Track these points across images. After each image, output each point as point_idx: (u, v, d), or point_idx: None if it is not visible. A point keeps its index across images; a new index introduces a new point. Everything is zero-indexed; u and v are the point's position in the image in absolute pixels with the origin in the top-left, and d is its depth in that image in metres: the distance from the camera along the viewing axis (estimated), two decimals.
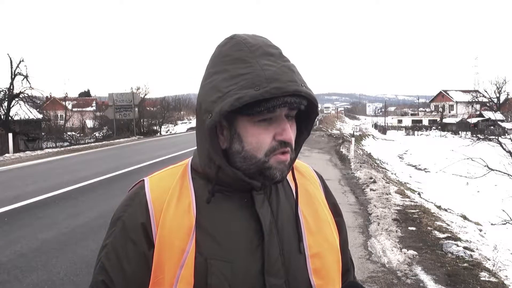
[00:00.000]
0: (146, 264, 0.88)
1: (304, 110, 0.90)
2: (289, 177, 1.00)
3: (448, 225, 6.85)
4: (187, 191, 0.92)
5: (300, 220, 0.95)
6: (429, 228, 6.18)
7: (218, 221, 0.89)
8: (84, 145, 22.26)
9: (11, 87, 22.04)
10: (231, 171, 0.88)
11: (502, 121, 43.90)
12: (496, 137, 15.82)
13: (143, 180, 0.96)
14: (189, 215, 0.88)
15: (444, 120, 63.83)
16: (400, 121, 79.35)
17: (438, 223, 6.63)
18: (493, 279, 4.35)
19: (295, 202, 0.96)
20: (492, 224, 10.00)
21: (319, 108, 1.02)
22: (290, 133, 0.88)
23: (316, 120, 1.01)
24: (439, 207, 9.86)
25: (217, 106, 0.83)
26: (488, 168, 11.48)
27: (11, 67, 21.78)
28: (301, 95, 0.85)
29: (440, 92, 79.70)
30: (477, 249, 5.63)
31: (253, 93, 0.81)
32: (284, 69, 0.85)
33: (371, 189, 9.16)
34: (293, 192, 0.98)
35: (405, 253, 5.02)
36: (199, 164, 0.94)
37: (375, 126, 69.08)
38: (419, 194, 12.24)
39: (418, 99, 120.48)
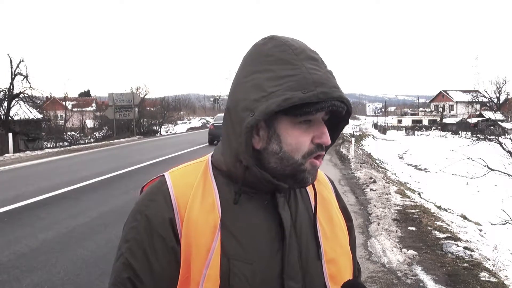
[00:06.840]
0: (176, 260, 0.87)
1: (330, 118, 0.92)
2: None
3: (448, 225, 6.84)
4: (210, 189, 0.91)
5: (317, 226, 0.96)
6: (429, 228, 6.18)
7: (241, 221, 0.89)
8: (84, 145, 22.25)
9: (11, 87, 22.01)
10: (259, 172, 0.88)
11: (502, 121, 43.80)
12: (496, 137, 15.83)
13: (163, 175, 0.95)
14: (214, 214, 0.88)
15: (444, 120, 63.80)
16: (400, 121, 79.30)
17: (438, 223, 6.63)
18: (493, 279, 4.34)
19: (314, 208, 0.97)
20: (492, 224, 9.99)
21: None
22: (328, 136, 0.89)
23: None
24: (439, 207, 9.85)
25: (262, 105, 0.83)
26: (488, 168, 11.48)
27: (11, 67, 21.75)
28: (342, 102, 0.87)
29: (440, 92, 79.64)
30: (477, 249, 5.63)
31: (301, 95, 0.82)
32: (328, 75, 0.86)
33: (371, 189, 9.16)
34: (310, 197, 0.99)
35: (405, 253, 5.01)
36: (223, 162, 0.93)
37: (375, 126, 68.97)
38: (419, 194, 12.24)
39: (418, 99, 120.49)
